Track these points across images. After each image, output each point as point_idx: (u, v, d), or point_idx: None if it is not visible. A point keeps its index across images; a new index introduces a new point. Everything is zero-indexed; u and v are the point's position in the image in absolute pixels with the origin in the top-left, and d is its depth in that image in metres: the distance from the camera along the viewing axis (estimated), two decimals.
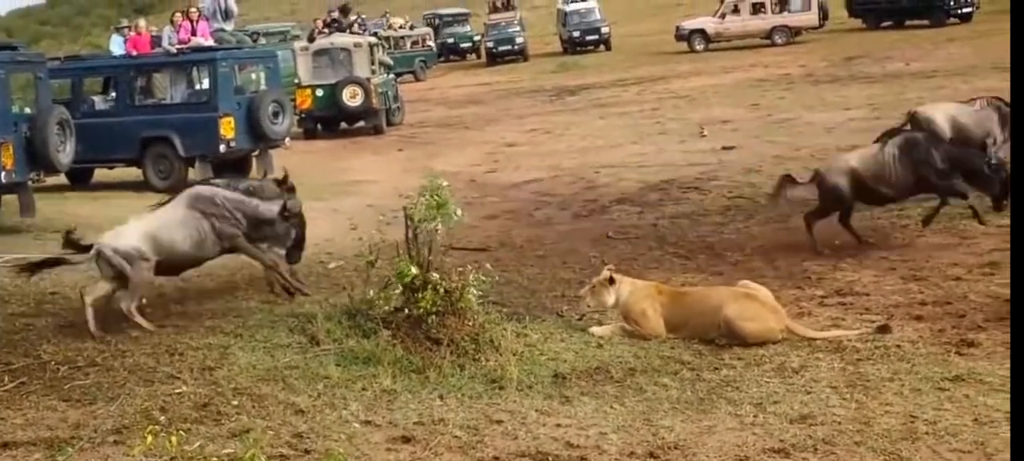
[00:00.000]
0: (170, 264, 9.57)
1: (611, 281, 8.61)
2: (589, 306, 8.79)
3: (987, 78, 22.14)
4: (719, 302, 8.31)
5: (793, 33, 42.01)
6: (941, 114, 13.49)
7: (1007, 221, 11.57)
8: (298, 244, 9.99)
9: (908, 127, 12.83)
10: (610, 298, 8.61)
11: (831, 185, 11.26)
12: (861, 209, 11.72)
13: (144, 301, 9.40)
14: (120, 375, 7.73)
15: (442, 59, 50.29)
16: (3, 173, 14.20)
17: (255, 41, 29.71)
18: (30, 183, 15.06)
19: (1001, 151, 12.22)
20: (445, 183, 8.62)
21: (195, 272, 11.07)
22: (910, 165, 11.14)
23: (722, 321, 8.13)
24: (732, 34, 42.82)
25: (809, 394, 7.05)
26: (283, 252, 9.94)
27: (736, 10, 43.14)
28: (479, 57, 51.19)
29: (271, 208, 9.73)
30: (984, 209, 11.34)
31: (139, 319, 8.96)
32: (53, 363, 8.07)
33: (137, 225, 9.52)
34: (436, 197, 8.39)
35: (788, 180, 11.73)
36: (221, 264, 11.02)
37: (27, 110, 15.48)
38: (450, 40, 52.58)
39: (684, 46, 42.93)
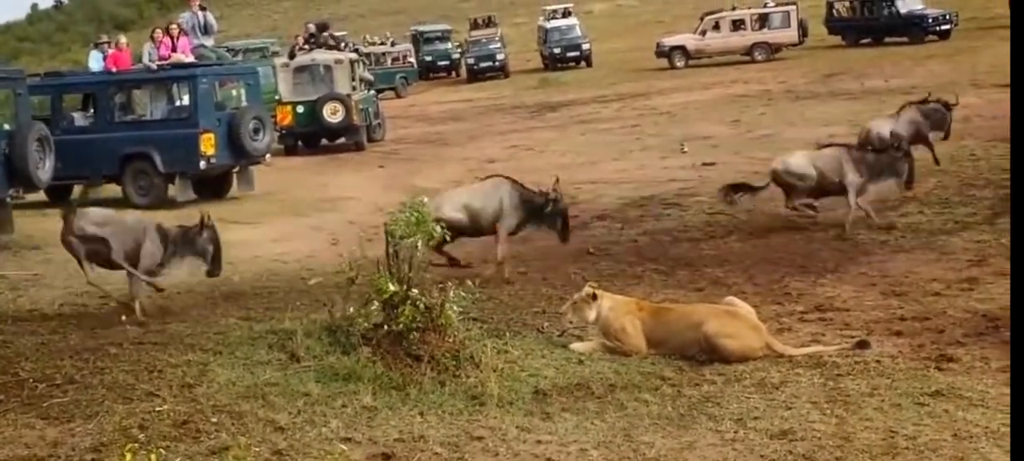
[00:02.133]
0: None
1: (594, 297, 8.61)
2: (571, 322, 8.78)
3: (965, 94, 22.25)
4: (700, 319, 8.31)
5: (773, 50, 42.20)
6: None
7: (984, 237, 11.68)
8: None
9: None
10: (591, 314, 8.59)
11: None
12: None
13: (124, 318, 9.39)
14: (98, 392, 7.67)
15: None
16: None
17: (234, 57, 29.68)
18: (9, 200, 14.99)
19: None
20: (425, 200, 8.61)
21: (175, 288, 11.04)
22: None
23: (702, 338, 8.14)
24: (712, 51, 43.02)
25: (789, 410, 7.06)
26: None
27: (716, 27, 43.36)
28: (459, 75, 51.24)
29: None
30: None
31: None
32: (31, 381, 8.00)
33: None
34: (416, 213, 8.39)
35: None
36: (200, 280, 10.99)
37: (6, 127, 15.42)
38: (428, 58, 52.49)
39: (665, 63, 43.09)
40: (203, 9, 21.07)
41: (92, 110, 19.22)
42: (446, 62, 52.91)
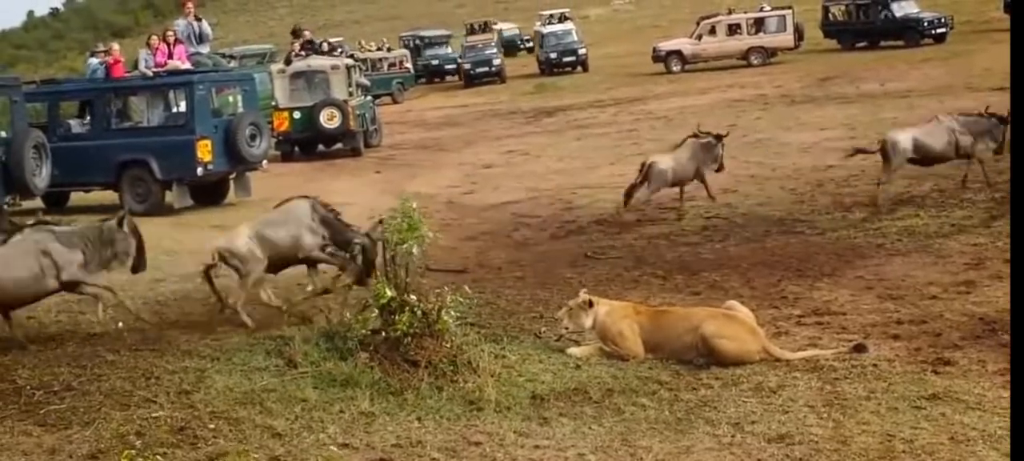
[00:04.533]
0: None
1: (590, 304, 8.61)
2: (567, 328, 8.79)
3: (961, 97, 22.30)
4: (697, 321, 8.32)
5: (769, 54, 42.20)
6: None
7: (981, 240, 11.69)
8: None
9: None
10: (587, 321, 8.60)
11: None
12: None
13: (121, 324, 9.42)
14: (96, 399, 7.68)
15: (423, 81, 50.34)
16: None
17: (230, 62, 29.67)
18: (5, 207, 14.98)
19: None
20: (416, 205, 8.62)
21: (172, 295, 11.04)
22: None
23: (700, 339, 8.14)
24: (709, 55, 43.03)
25: (787, 413, 7.07)
26: None
27: (713, 32, 43.40)
28: (459, 79, 51.33)
29: None
30: None
31: None
32: (28, 388, 8.01)
33: None
34: (408, 219, 8.38)
35: None
36: (197, 287, 10.98)
37: (3, 134, 15.41)
38: (435, 62, 52.64)
39: (661, 67, 43.11)
40: (198, 20, 21.06)
41: (89, 117, 19.19)
42: (452, 66, 52.83)
